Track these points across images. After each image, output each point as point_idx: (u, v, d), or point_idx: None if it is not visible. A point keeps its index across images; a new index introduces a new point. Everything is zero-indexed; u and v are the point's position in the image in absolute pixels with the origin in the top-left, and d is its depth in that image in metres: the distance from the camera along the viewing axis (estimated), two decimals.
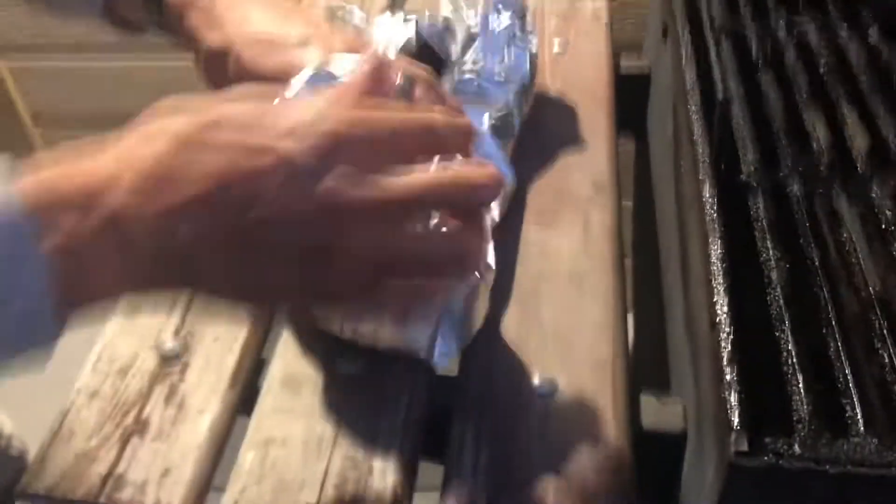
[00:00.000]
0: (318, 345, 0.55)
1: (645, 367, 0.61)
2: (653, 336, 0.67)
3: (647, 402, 0.52)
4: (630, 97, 0.80)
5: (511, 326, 0.56)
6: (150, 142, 0.40)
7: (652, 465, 0.50)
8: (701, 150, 0.54)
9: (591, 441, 0.49)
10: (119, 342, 0.56)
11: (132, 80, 1.41)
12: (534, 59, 0.69)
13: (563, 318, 0.56)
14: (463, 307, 0.53)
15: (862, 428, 0.39)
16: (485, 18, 0.67)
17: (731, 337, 0.43)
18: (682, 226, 0.58)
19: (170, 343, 0.56)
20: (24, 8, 1.33)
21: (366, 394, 0.53)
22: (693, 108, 0.58)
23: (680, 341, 0.57)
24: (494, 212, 0.57)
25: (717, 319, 0.44)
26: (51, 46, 1.40)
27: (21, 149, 1.53)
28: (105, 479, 0.49)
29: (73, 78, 1.44)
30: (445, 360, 0.51)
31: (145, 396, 0.53)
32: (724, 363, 0.42)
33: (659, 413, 0.51)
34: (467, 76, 0.64)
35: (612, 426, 0.50)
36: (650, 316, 0.68)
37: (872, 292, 0.45)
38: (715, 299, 0.45)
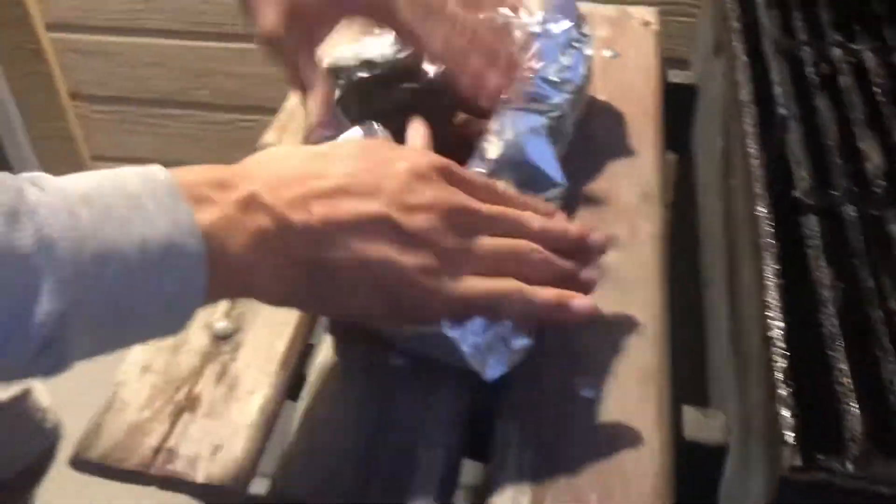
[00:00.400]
0: (366, 336, 0.56)
1: (678, 376, 0.61)
2: (687, 347, 0.68)
3: (690, 414, 0.53)
4: (674, 110, 0.81)
5: (557, 331, 0.56)
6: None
7: (692, 476, 0.51)
8: (755, 168, 0.55)
9: (634, 448, 0.50)
10: None
11: (169, 62, 1.42)
12: (589, 63, 0.69)
13: (607, 325, 0.57)
14: (514, 323, 0.53)
15: None
16: (544, 22, 0.68)
17: (785, 354, 0.44)
18: (732, 241, 0.59)
19: (222, 322, 0.57)
20: None
21: (413, 386, 0.54)
22: (748, 124, 0.58)
23: (723, 355, 0.57)
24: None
25: (770, 336, 0.45)
26: (95, 26, 1.41)
27: (56, 121, 1.53)
28: (156, 452, 0.50)
29: (112, 56, 1.45)
30: (496, 373, 0.52)
31: (197, 373, 0.54)
32: (778, 379, 0.42)
33: (701, 425, 0.52)
34: (526, 76, 0.65)
35: (654, 435, 0.51)
36: (686, 327, 0.69)
37: None
38: (768, 316, 0.46)
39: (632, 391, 0.53)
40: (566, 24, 0.68)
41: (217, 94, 1.44)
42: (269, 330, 0.57)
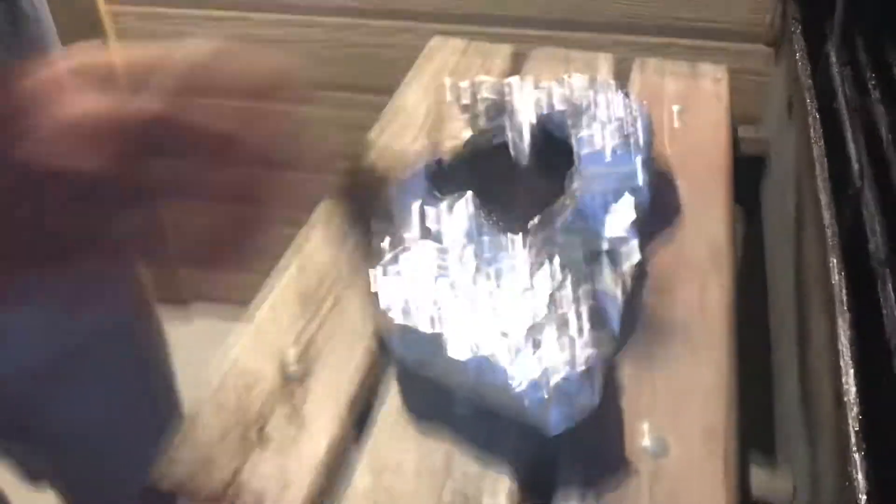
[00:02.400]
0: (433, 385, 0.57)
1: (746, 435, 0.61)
2: (755, 405, 0.67)
3: (757, 473, 0.52)
4: (744, 167, 0.81)
5: (624, 384, 0.57)
6: None
7: None
8: (829, 225, 0.55)
9: (699, 499, 0.50)
10: (245, 358, 0.59)
11: (233, 39, 1.42)
12: (652, 123, 0.71)
13: (675, 381, 0.57)
14: (579, 382, 0.54)
15: None
16: (594, 89, 0.71)
17: (859, 417, 0.43)
18: (802, 298, 0.58)
19: (293, 365, 0.58)
20: None
21: (477, 431, 0.54)
22: (821, 186, 0.58)
23: (792, 414, 0.57)
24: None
25: (844, 398, 0.44)
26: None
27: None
28: (227, 485, 0.51)
29: (174, 34, 1.45)
30: (559, 429, 0.52)
31: (268, 412, 0.55)
32: (851, 443, 0.42)
33: (768, 484, 0.52)
34: (591, 149, 0.67)
35: (720, 493, 0.50)
36: (754, 386, 0.68)
37: None
38: (843, 381, 0.45)
39: (697, 448, 0.53)
40: (615, 91, 0.71)
41: None
42: (339, 373, 0.58)
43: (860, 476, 0.41)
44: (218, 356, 0.59)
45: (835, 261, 0.52)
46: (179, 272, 0.41)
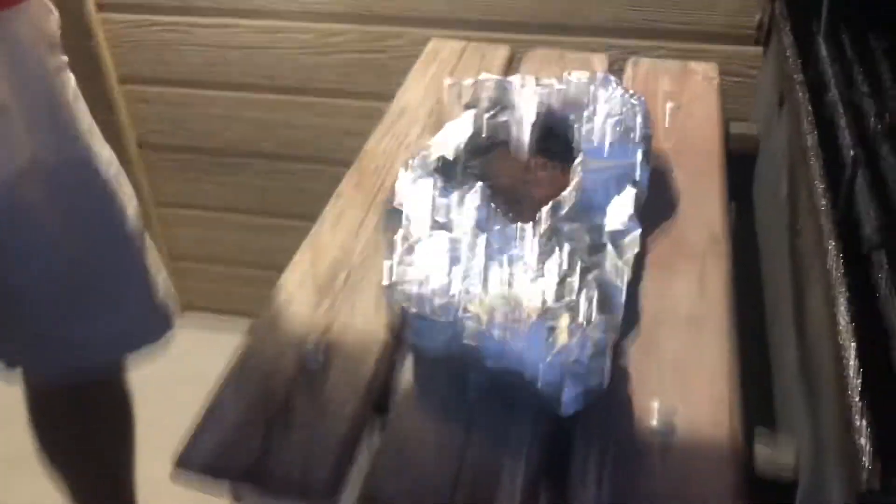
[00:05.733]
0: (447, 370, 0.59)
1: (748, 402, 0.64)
2: (754, 375, 0.70)
3: (761, 439, 0.54)
4: (735, 160, 0.84)
5: (633, 363, 0.59)
6: None
7: (765, 499, 0.53)
8: (824, 208, 0.57)
9: (709, 474, 0.52)
10: (264, 347, 0.61)
11: (225, 45, 1.41)
12: (650, 117, 0.74)
13: (681, 358, 0.59)
14: (589, 364, 0.56)
15: None
16: (593, 83, 0.74)
17: (858, 378, 0.46)
18: (799, 278, 0.61)
19: (312, 353, 0.60)
20: None
21: (495, 406, 0.56)
22: (816, 171, 0.61)
23: (791, 385, 0.59)
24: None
25: (844, 361, 0.47)
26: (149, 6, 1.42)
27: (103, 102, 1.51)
28: (254, 463, 0.53)
29: (166, 41, 1.44)
30: (571, 410, 0.55)
31: (289, 398, 0.57)
32: (853, 403, 0.44)
33: (773, 451, 0.54)
34: (592, 142, 0.70)
35: (728, 460, 0.53)
36: (752, 358, 0.71)
37: None
38: (841, 344, 0.48)
39: (705, 419, 0.55)
40: (614, 85, 0.74)
41: (282, 145, 1.49)
42: (357, 359, 0.60)
43: (863, 440, 0.43)
44: (236, 346, 0.61)
45: (832, 243, 0.55)
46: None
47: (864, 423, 0.44)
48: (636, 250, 0.65)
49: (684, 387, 0.57)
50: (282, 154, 1.51)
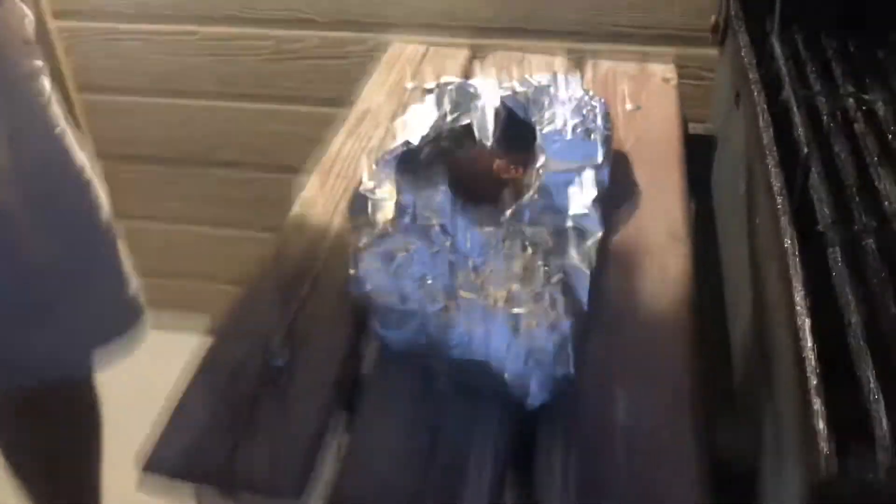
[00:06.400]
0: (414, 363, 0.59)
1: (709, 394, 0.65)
2: (713, 364, 0.71)
3: (723, 428, 0.55)
4: (694, 160, 0.85)
5: (596, 357, 0.60)
6: None
7: (728, 485, 0.54)
8: (780, 204, 0.59)
9: (672, 464, 0.53)
10: (229, 346, 0.61)
11: (183, 52, 1.40)
12: (610, 116, 0.75)
13: (643, 348, 0.60)
14: (555, 352, 0.56)
15: None
16: (554, 84, 0.74)
17: (817, 371, 0.47)
18: (758, 274, 0.62)
19: (277, 351, 0.60)
20: None
21: (461, 402, 0.56)
22: (772, 165, 0.62)
23: (751, 372, 0.60)
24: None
25: (803, 356, 0.48)
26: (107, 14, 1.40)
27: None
28: (222, 465, 0.52)
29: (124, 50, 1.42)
30: (537, 401, 0.55)
31: (255, 398, 0.57)
32: (812, 395, 0.45)
33: (734, 438, 0.55)
34: (553, 134, 0.70)
35: (691, 450, 0.54)
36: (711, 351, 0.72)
37: None
38: (800, 338, 0.49)
39: (668, 412, 0.56)
40: (574, 83, 0.74)
41: (243, 153, 1.48)
42: (323, 356, 0.60)
43: (820, 426, 0.44)
44: (200, 345, 0.60)
45: (789, 230, 0.56)
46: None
47: (821, 403, 0.45)
48: (598, 237, 0.65)
49: (647, 374, 0.58)
50: (242, 162, 1.50)
